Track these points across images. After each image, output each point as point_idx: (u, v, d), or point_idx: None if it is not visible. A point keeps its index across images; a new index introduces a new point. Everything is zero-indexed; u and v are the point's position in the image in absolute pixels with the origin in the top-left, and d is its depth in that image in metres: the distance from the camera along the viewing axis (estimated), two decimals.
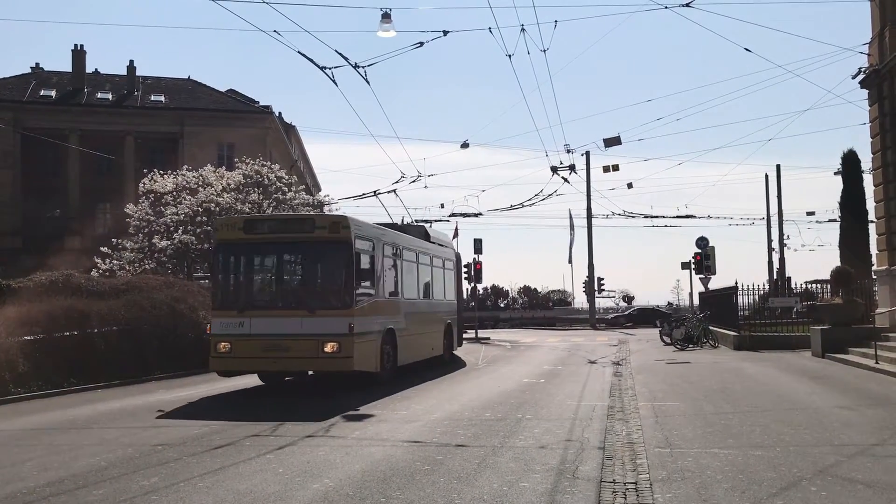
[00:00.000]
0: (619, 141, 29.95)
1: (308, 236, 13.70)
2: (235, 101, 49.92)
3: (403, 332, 15.96)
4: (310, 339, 13.09)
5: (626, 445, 8.03)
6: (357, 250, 13.59)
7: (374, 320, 14.20)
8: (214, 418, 10.55)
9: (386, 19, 17.32)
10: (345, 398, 12.63)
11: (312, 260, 14.35)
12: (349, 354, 13.07)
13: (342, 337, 13.02)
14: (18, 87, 46.21)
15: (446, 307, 20.98)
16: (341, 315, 13.12)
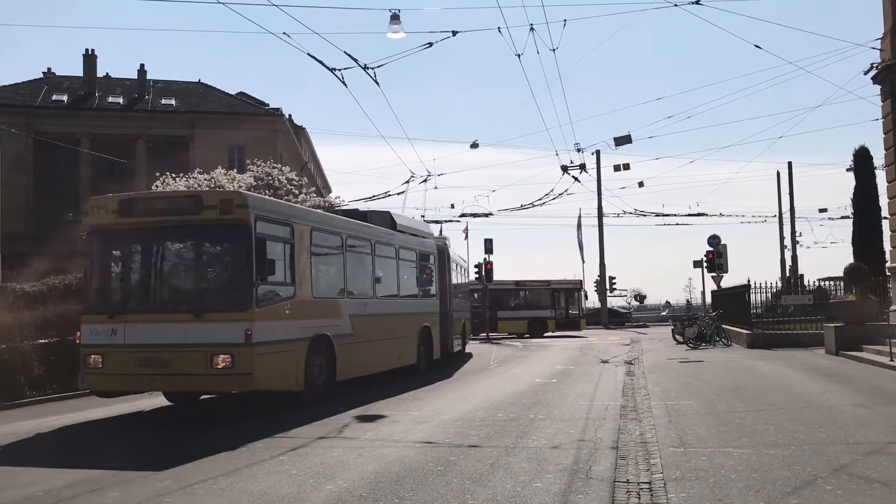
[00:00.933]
0: (629, 139, 29.85)
1: (195, 219, 10.77)
2: (245, 103, 50.05)
3: (347, 340, 13.21)
4: (196, 351, 10.24)
5: (639, 445, 8.02)
6: (261, 235, 10.75)
7: (292, 325, 11.36)
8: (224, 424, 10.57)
9: (395, 20, 17.32)
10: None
11: (201, 248, 11.41)
12: (246, 370, 10.18)
13: (236, 347, 10.16)
14: (31, 92, 46.48)
15: (423, 307, 18.18)
16: (236, 319, 10.26)
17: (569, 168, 29.85)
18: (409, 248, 17.56)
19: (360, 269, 14.94)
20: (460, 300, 23.14)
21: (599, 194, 48.26)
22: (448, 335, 19.86)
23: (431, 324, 18.45)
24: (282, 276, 11.44)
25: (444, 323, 19.49)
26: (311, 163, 59.62)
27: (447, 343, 19.70)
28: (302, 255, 11.99)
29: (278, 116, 48.85)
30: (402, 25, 17.35)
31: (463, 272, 24.64)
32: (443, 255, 20.32)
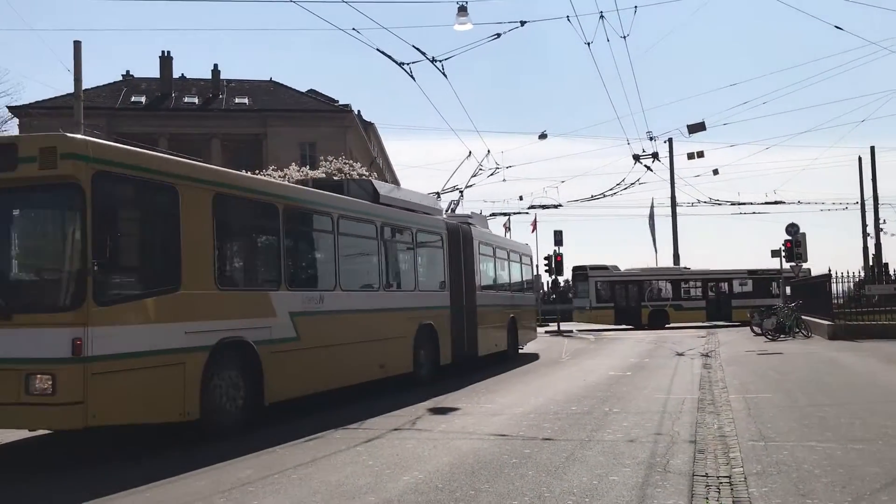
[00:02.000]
0: (703, 127, 29.17)
1: (7, 178, 7.50)
2: (316, 100, 50.82)
3: (286, 346, 9.93)
4: (4, 370, 7.16)
5: (717, 439, 7.86)
6: (106, 198, 7.50)
7: (172, 329, 8.07)
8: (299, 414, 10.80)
9: (462, 12, 17.31)
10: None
11: (15, 220, 8.21)
12: (74, 398, 7.05)
13: (59, 365, 7.06)
14: (111, 94, 48.13)
15: (422, 301, 14.41)
16: (59, 322, 7.15)
17: (641, 157, 29.35)
18: (400, 227, 14.00)
19: (314, 252, 11.85)
20: (504, 293, 19.64)
21: (672, 183, 47.37)
22: (464, 335, 16.03)
23: (437, 322, 14.75)
24: (153, 258, 8.44)
25: (458, 320, 15.79)
26: (380, 157, 60.19)
27: (462, 344, 15.89)
28: (196, 230, 8.57)
29: (348, 112, 49.44)
30: (469, 17, 17.34)
31: (511, 261, 20.87)
32: (455, 236, 16.16)
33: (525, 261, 22.52)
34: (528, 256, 23.29)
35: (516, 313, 20.21)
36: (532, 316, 23.30)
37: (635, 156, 29.45)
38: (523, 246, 23.34)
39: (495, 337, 18.34)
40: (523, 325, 20.89)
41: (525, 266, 22.46)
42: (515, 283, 21.10)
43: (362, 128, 53.23)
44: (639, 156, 29.42)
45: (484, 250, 18.26)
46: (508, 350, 19.28)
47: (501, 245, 20.39)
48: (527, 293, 22.48)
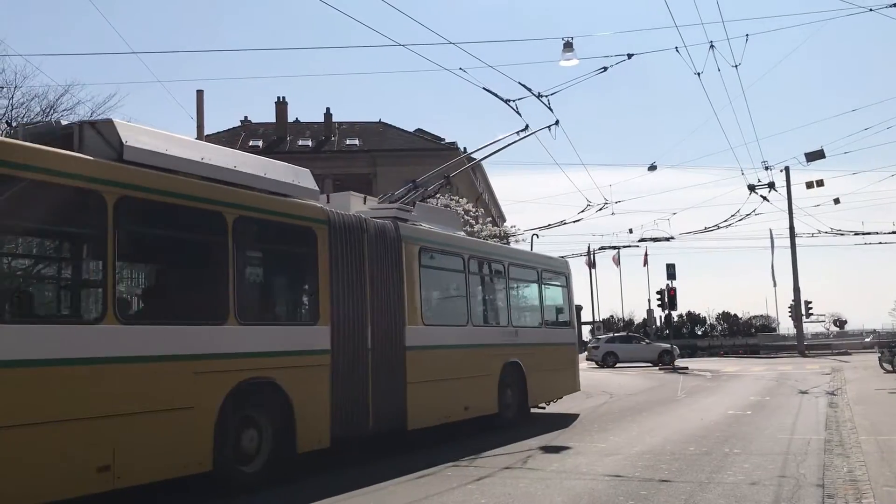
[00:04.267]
0: (822, 154, 28.05)
1: None
2: (423, 139, 51.84)
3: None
4: None
5: (848, 483, 7.44)
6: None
7: None
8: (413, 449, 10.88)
9: (568, 48, 17.32)
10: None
11: None
12: None
13: None
14: (230, 139, 50.56)
15: (256, 342, 8.33)
16: None
17: (756, 187, 28.43)
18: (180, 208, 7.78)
19: None
20: (495, 329, 13.60)
21: (791, 213, 45.57)
22: (365, 397, 9.78)
23: (288, 380, 8.53)
24: None
25: (349, 372, 9.50)
26: (486, 193, 60.58)
27: (360, 412, 9.73)
28: None
29: (454, 150, 50.11)
30: (575, 53, 17.33)
31: (518, 280, 14.97)
32: (350, 235, 9.89)
33: (551, 281, 16.28)
34: (561, 275, 16.85)
35: (526, 356, 13.84)
36: (567, 359, 16.42)
37: (750, 186, 28.55)
38: (547, 260, 16.99)
39: (461, 395, 11.85)
40: (543, 373, 14.63)
41: (551, 288, 16.29)
42: (530, 312, 15.59)
43: None
44: (754, 186, 28.52)
45: (436, 262, 12.13)
46: (502, 412, 12.89)
47: (491, 256, 14.02)
48: (556, 328, 16.17)
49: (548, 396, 15.25)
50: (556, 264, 17.12)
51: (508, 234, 34.77)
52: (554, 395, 15.61)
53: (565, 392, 16.13)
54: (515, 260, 14.86)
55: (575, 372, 16.74)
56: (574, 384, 16.59)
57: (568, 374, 16.34)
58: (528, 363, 13.85)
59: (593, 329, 66.54)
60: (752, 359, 44.83)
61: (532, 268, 15.51)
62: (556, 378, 15.67)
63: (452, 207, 30.53)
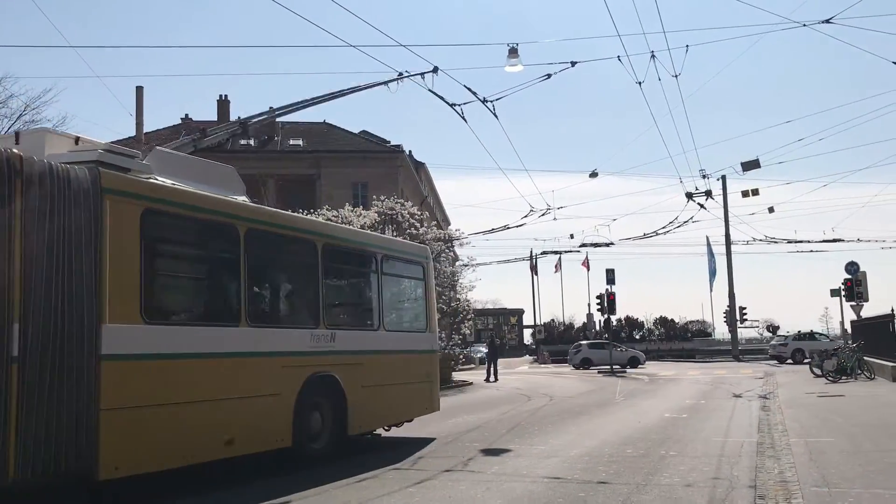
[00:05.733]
0: (757, 164, 28.95)
1: None
2: (368, 141, 51.61)
3: None
4: None
5: (779, 484, 7.64)
6: None
7: None
8: (353, 452, 10.81)
9: (513, 54, 17.45)
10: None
11: None
12: None
13: None
14: (170, 137, 49.15)
15: None
16: None
17: (694, 195, 29.13)
18: None
19: None
20: (287, 332, 10.04)
21: (727, 221, 46.75)
22: None
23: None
24: None
25: None
26: (431, 197, 60.66)
27: None
28: None
29: (399, 153, 50.05)
30: (520, 59, 17.48)
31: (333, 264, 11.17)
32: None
33: (399, 271, 12.86)
34: (416, 264, 13.35)
35: (348, 367, 10.53)
36: (421, 372, 12.79)
37: (688, 194, 29.26)
38: (394, 244, 13.84)
39: (220, 423, 8.50)
40: (379, 389, 11.22)
41: (398, 280, 13.06)
42: (358, 310, 12.41)
43: (413, 168, 53.78)
44: (692, 194, 29.23)
45: (181, 232, 8.82)
46: (302, 444, 9.63)
47: (289, 231, 10.33)
48: (405, 332, 12.89)
49: (389, 419, 11.85)
50: (407, 250, 13.59)
51: (453, 237, 34.81)
52: (400, 417, 12.19)
53: (417, 412, 12.71)
54: (334, 239, 11.11)
55: (433, 387, 13.10)
56: (431, 403, 13.01)
57: (422, 390, 12.75)
58: (350, 377, 10.41)
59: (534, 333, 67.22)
60: (689, 363, 45.79)
61: (364, 252, 11.86)
62: (403, 395, 12.10)
63: (398, 211, 30.43)
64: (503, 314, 76.85)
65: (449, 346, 31.02)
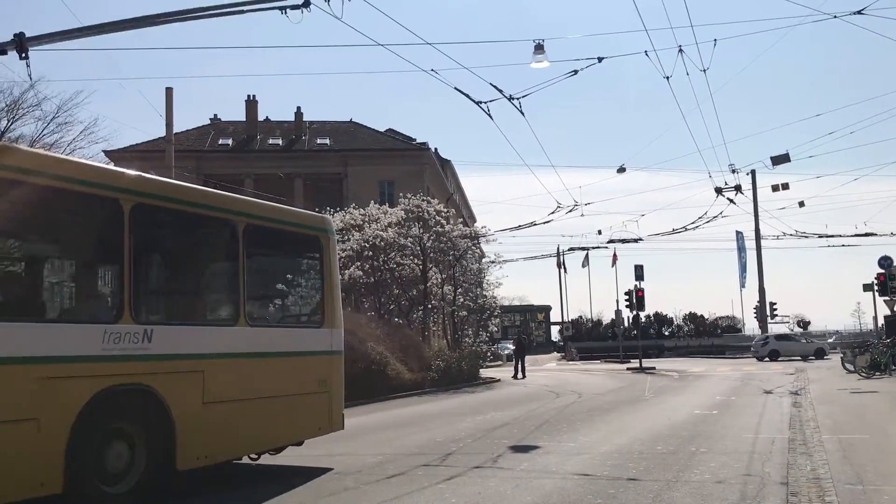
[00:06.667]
0: (787, 158, 28.58)
1: None
2: (394, 139, 51.79)
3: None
4: None
5: (811, 481, 7.58)
6: None
7: None
8: (385, 448, 10.90)
9: (539, 50, 17.41)
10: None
11: None
12: None
13: None
14: (200, 137, 50.09)
15: None
16: None
17: (723, 190, 28.82)
18: None
19: None
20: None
21: (756, 216, 46.30)
22: None
23: None
24: None
25: None
26: (457, 194, 60.69)
27: None
28: None
29: (425, 151, 50.14)
30: (546, 55, 17.43)
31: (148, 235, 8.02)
32: None
33: (276, 248, 10.25)
34: (309, 240, 10.16)
35: (176, 377, 7.71)
36: (311, 379, 9.64)
37: (717, 188, 28.94)
38: (270, 211, 9.75)
39: None
40: (236, 406, 8.36)
41: (277, 260, 10.82)
42: (205, 298, 9.41)
43: (439, 165, 53.85)
44: (721, 188, 28.91)
45: None
46: (81, 490, 6.67)
47: (82, 186, 7.13)
48: (285, 327, 10.38)
49: (254, 444, 8.83)
50: (292, 219, 10.02)
51: (479, 234, 34.84)
52: (275, 441, 9.12)
53: (306, 432, 9.61)
54: (153, 198, 7.81)
55: (332, 399, 9.77)
56: (328, 419, 9.74)
57: (314, 404, 9.56)
58: (179, 390, 7.65)
59: (562, 329, 66.97)
60: (718, 359, 45.44)
61: (212, 218, 8.54)
62: (280, 412, 8.93)
63: (424, 208, 30.48)
64: (530, 311, 76.72)
65: (476, 343, 31.10)
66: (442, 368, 23.89)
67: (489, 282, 34.37)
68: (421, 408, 17.35)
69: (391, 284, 29.74)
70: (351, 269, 28.38)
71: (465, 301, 31.46)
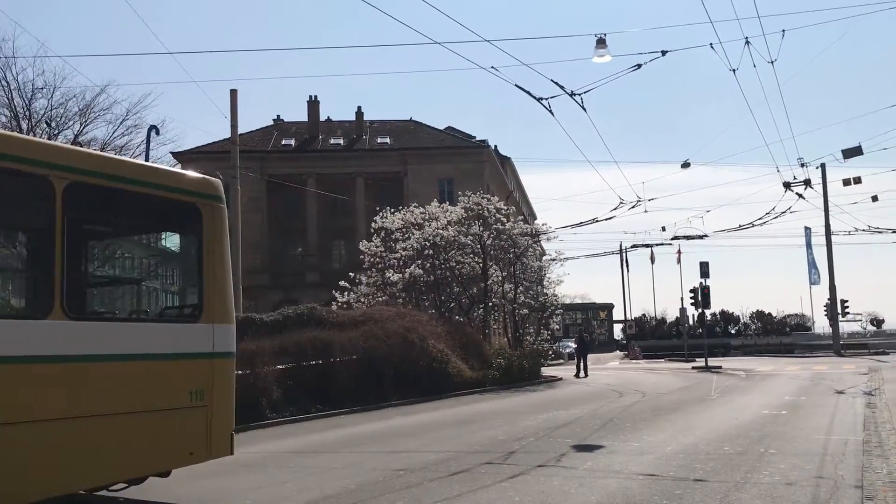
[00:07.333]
0: (859, 151, 27.71)
1: None
2: (454, 137, 51.90)
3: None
4: None
5: (888, 485, 7.32)
6: None
7: None
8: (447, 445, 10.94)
9: (601, 45, 17.26)
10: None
11: None
12: None
13: None
14: (263, 138, 51.01)
15: None
16: None
17: (791, 184, 28.11)
18: None
19: None
20: None
21: (827, 211, 44.91)
22: None
23: None
24: None
25: None
26: (517, 191, 60.48)
27: None
28: None
29: (485, 148, 50.10)
30: (608, 49, 17.26)
31: None
32: None
33: (104, 209, 7.31)
34: (184, 207, 7.65)
35: None
36: (179, 386, 7.18)
37: (786, 183, 28.26)
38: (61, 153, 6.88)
39: None
40: (42, 427, 6.07)
41: (99, 226, 7.88)
42: None
43: (499, 162, 53.76)
44: (789, 183, 28.21)
45: None
46: None
47: None
48: (124, 321, 7.94)
49: (81, 480, 6.53)
50: (152, 179, 7.47)
51: (540, 232, 34.65)
52: (116, 474, 6.79)
53: (172, 460, 7.20)
54: None
55: (211, 415, 7.32)
56: (207, 441, 7.30)
57: (181, 423, 7.15)
58: None
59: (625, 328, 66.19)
60: (787, 358, 44.27)
61: (13, 171, 6.16)
62: (122, 435, 6.63)
63: (484, 206, 30.42)
64: (592, 309, 76.03)
65: (537, 341, 30.94)
66: (503, 367, 23.82)
67: (550, 279, 34.19)
68: (482, 406, 17.33)
69: (451, 282, 29.80)
70: (411, 268, 28.54)
71: (526, 299, 31.34)
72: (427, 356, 19.88)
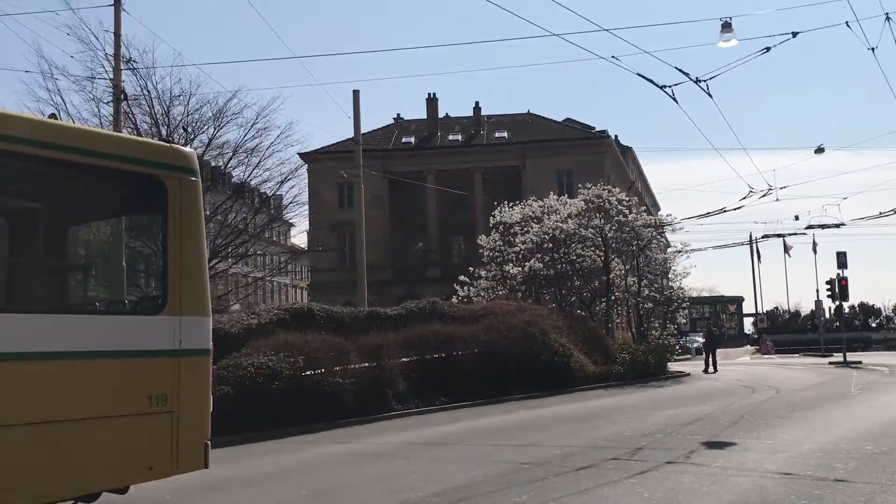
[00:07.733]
0: None
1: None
2: (572, 129, 51.32)
3: None
4: None
5: None
6: None
7: None
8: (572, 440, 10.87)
9: (726, 29, 16.64)
10: None
11: None
12: None
13: None
14: (384, 137, 52.08)
15: None
16: None
17: None
18: None
19: None
20: None
21: None
22: None
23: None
24: None
25: None
26: (639, 182, 59.21)
27: None
28: None
29: (605, 139, 49.29)
30: (734, 33, 16.63)
31: None
32: None
33: (40, 182, 6.25)
34: (117, 172, 6.33)
35: None
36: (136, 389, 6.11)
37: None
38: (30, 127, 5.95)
39: None
40: None
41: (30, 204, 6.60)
42: None
43: (620, 153, 52.78)
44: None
45: None
46: None
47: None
48: (62, 313, 6.22)
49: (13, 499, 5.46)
50: (113, 149, 6.42)
51: (664, 223, 33.80)
52: (58, 493, 5.71)
53: (130, 475, 6.16)
54: None
55: (177, 423, 6.25)
56: (172, 453, 6.23)
57: (143, 430, 6.12)
58: None
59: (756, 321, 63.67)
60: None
61: None
62: (63, 445, 5.64)
63: (605, 198, 29.93)
64: (720, 302, 73.53)
65: (663, 335, 30.19)
66: (627, 361, 23.37)
67: (675, 272, 33.27)
68: (606, 401, 17.10)
69: (572, 276, 29.50)
70: (531, 262, 28.46)
71: (651, 292, 30.62)
72: (549, 350, 19.77)
